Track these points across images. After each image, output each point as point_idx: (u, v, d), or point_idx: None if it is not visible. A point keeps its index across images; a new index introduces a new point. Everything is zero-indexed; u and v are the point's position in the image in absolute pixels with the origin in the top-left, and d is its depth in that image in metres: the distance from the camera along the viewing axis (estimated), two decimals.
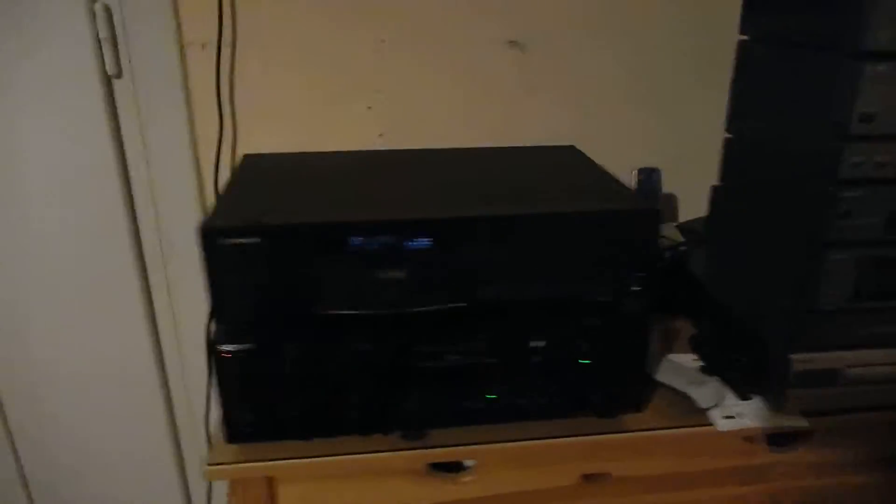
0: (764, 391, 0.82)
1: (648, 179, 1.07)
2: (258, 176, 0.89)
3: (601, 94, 1.20)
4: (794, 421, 0.80)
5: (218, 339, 0.74)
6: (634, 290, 0.74)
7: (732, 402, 0.83)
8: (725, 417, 0.80)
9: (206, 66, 1.12)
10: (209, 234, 0.69)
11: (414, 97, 1.17)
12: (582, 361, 0.77)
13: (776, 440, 0.85)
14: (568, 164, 0.96)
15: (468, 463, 0.85)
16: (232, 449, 0.80)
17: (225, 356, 0.74)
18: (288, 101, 1.15)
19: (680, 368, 0.87)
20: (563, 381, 0.79)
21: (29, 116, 1.11)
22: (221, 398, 0.77)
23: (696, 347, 0.92)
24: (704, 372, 0.87)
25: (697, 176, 1.04)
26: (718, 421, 0.80)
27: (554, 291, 0.75)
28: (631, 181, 1.09)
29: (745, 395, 0.84)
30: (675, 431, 0.81)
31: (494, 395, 0.79)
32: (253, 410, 0.77)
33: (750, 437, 0.83)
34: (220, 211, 0.75)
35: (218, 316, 0.75)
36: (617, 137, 1.20)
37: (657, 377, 0.86)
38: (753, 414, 0.81)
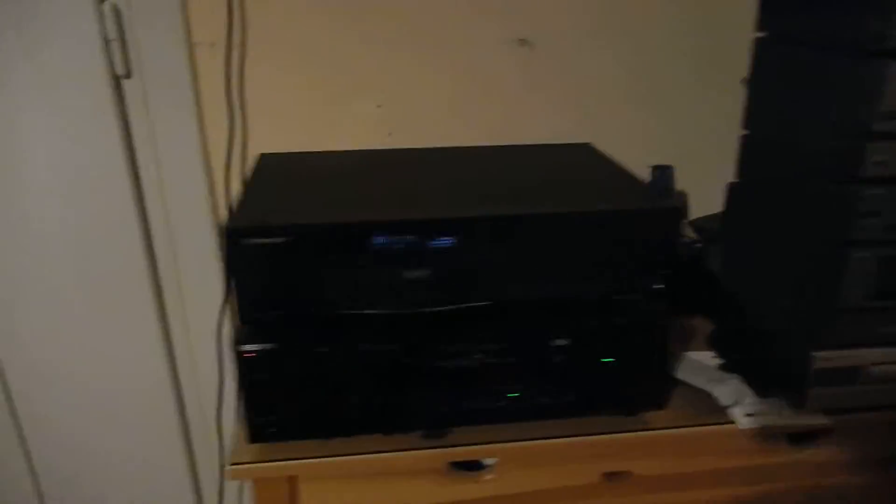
0: (784, 389, 0.82)
1: (662, 176, 1.07)
2: (276, 175, 0.89)
3: (611, 91, 1.19)
4: (814, 419, 0.81)
5: (240, 339, 0.74)
6: (656, 288, 0.74)
7: (752, 399, 0.83)
8: (746, 415, 0.81)
9: (215, 65, 1.11)
10: (233, 233, 0.69)
11: (423, 95, 1.16)
12: (604, 360, 0.78)
13: (795, 438, 0.85)
14: (585, 162, 0.96)
15: (487, 462, 0.85)
16: (253, 449, 0.80)
17: (248, 356, 0.74)
18: (297, 100, 1.15)
19: (699, 366, 0.87)
20: (584, 379, 0.79)
21: (37, 117, 1.10)
22: (243, 398, 0.76)
23: (714, 345, 0.92)
24: (723, 370, 0.87)
25: (706, 173, 1.04)
26: (740, 419, 0.80)
27: (576, 290, 0.75)
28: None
29: (764, 392, 0.84)
30: (696, 429, 0.82)
31: (516, 393, 0.79)
32: (275, 410, 0.77)
33: (770, 434, 0.84)
34: (242, 210, 0.75)
35: (241, 316, 0.74)
36: (624, 135, 1.19)
37: (676, 375, 0.86)
38: (774, 412, 0.81)
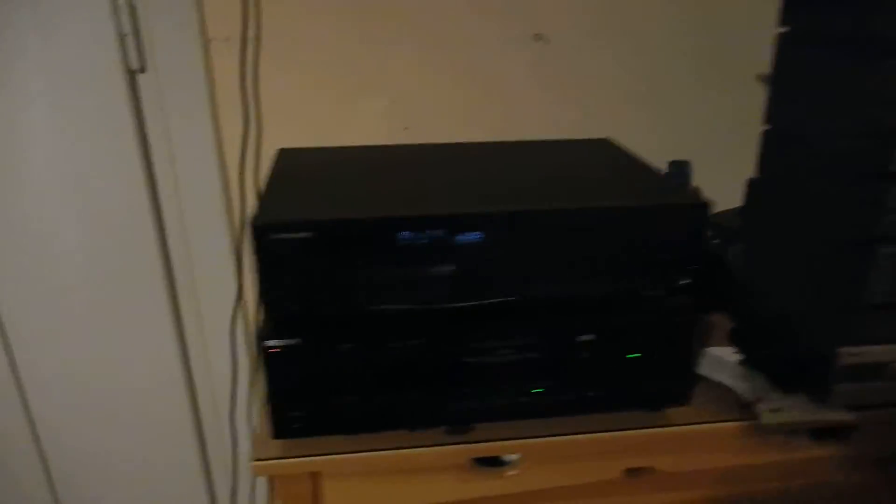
0: (808, 385, 0.82)
1: (679, 172, 1.07)
2: (297, 170, 0.89)
3: (625, 87, 1.19)
4: (839, 415, 0.81)
5: (266, 334, 0.74)
6: (683, 283, 0.74)
7: (776, 395, 0.83)
8: (770, 411, 0.81)
9: (229, 60, 1.11)
10: (262, 229, 0.69)
11: (437, 91, 1.16)
12: (629, 356, 0.78)
13: (818, 434, 0.85)
14: (607, 157, 0.96)
15: (507, 458, 0.85)
16: (276, 445, 0.80)
17: (273, 351, 0.74)
18: (312, 95, 1.14)
19: (721, 362, 0.87)
20: (609, 375, 0.79)
21: (51, 112, 1.10)
22: (269, 394, 0.76)
23: (734, 341, 0.92)
24: (744, 365, 0.87)
25: (720, 168, 1.04)
26: (764, 415, 0.80)
27: (603, 286, 0.75)
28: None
29: (787, 388, 0.84)
30: (719, 425, 0.82)
31: (540, 389, 0.79)
32: (299, 406, 0.77)
33: (793, 431, 0.84)
34: (267, 206, 0.74)
35: (266, 311, 0.74)
36: (637, 130, 1.19)
37: (699, 371, 0.86)
38: (798, 407, 0.81)
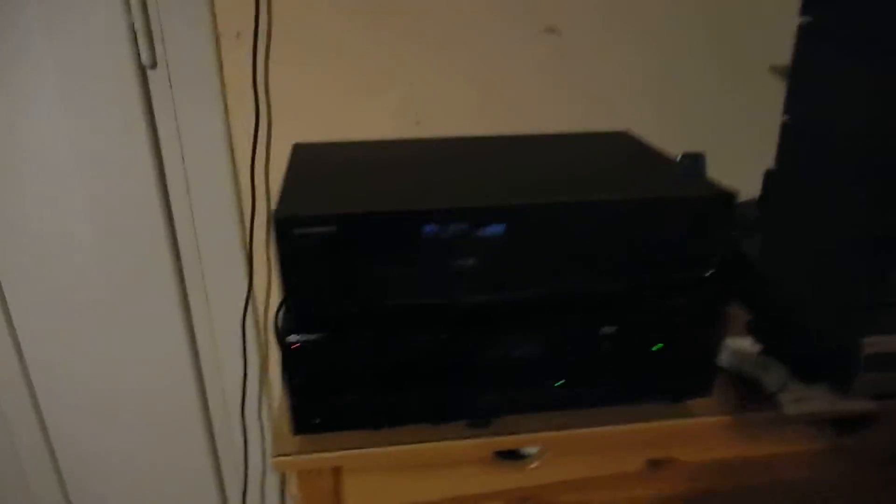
0: (829, 375, 0.82)
1: (694, 164, 1.07)
2: (315, 165, 0.88)
3: (638, 80, 1.19)
4: (861, 404, 0.81)
5: (287, 329, 0.73)
6: (708, 275, 0.74)
7: (797, 386, 0.83)
8: (793, 402, 0.80)
9: (240, 56, 1.10)
10: (284, 222, 0.68)
11: (449, 85, 1.15)
12: (653, 348, 0.77)
13: (840, 424, 0.85)
14: (628, 149, 0.95)
15: (526, 451, 0.85)
16: (296, 440, 0.79)
17: (294, 346, 0.74)
18: (323, 89, 1.14)
19: (741, 353, 0.87)
20: (631, 367, 0.79)
21: (62, 107, 1.10)
22: (289, 389, 0.76)
23: (753, 332, 0.91)
24: (765, 356, 0.87)
25: (733, 160, 1.04)
26: (787, 405, 0.80)
27: (627, 278, 0.75)
28: None
29: (808, 379, 0.84)
30: (741, 416, 0.81)
31: (563, 382, 0.79)
32: (321, 401, 0.77)
33: (815, 421, 0.84)
34: (288, 200, 0.74)
35: (287, 306, 0.74)
36: (650, 122, 1.19)
37: (720, 362, 0.85)
38: (820, 397, 0.81)
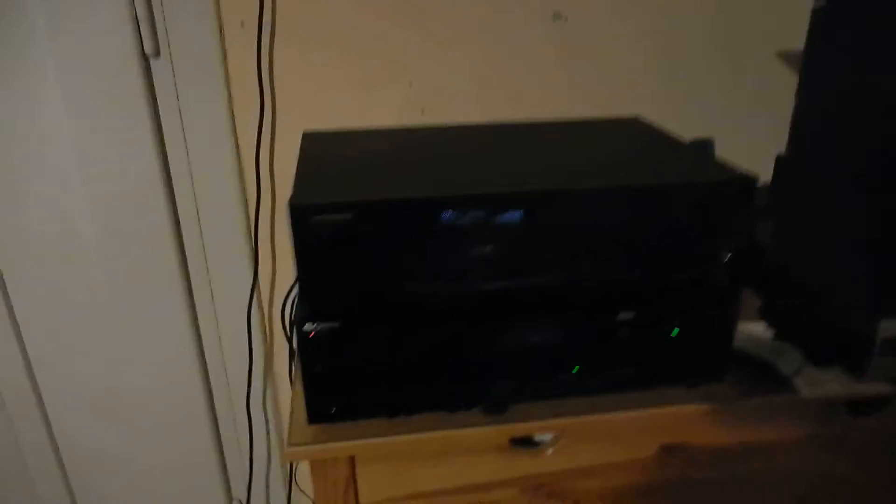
0: (844, 358, 0.82)
1: (702, 150, 1.06)
2: (326, 153, 0.87)
3: (645, 66, 1.19)
4: (877, 387, 0.81)
5: (303, 318, 0.73)
6: (727, 260, 0.73)
7: (812, 369, 0.83)
8: (809, 385, 0.81)
9: (245, 44, 1.10)
10: (300, 210, 0.67)
11: (455, 72, 1.15)
12: (669, 333, 0.77)
13: (855, 408, 0.86)
14: (641, 135, 0.95)
15: (540, 438, 0.85)
16: (310, 430, 0.79)
17: (309, 335, 0.73)
18: (328, 78, 1.13)
19: (755, 337, 0.87)
20: (648, 353, 0.79)
21: (63, 97, 1.08)
22: (304, 378, 0.75)
23: (766, 317, 0.92)
24: (779, 341, 0.87)
25: (740, 146, 1.03)
26: (802, 389, 0.80)
27: (646, 264, 0.75)
28: None
29: (821, 363, 0.84)
30: (756, 400, 0.81)
31: (580, 368, 0.78)
32: (337, 390, 0.76)
33: (830, 404, 0.84)
34: (303, 188, 0.73)
35: (304, 295, 0.73)
36: (658, 108, 1.19)
37: (735, 347, 0.85)
38: (835, 381, 0.81)
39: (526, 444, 0.84)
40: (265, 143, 1.16)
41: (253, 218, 1.19)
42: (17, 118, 1.09)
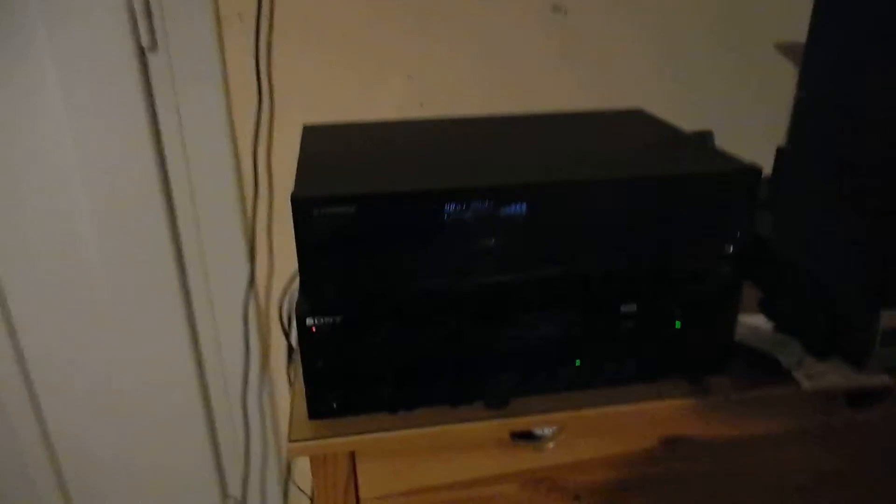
0: (844, 350, 0.82)
1: (702, 143, 1.06)
2: (327, 147, 0.87)
3: (644, 58, 1.18)
4: (878, 379, 0.81)
5: (304, 312, 0.72)
6: (730, 252, 0.73)
7: (812, 361, 0.83)
8: (810, 377, 0.81)
9: (243, 37, 1.09)
10: (303, 203, 0.67)
11: (454, 65, 1.14)
12: (671, 326, 0.77)
13: (855, 400, 0.86)
14: (644, 126, 0.95)
15: (541, 432, 0.85)
16: (311, 426, 0.78)
17: (311, 330, 0.73)
18: (326, 71, 1.12)
19: (756, 330, 0.87)
20: (650, 346, 0.79)
21: (60, 90, 1.07)
22: (305, 373, 0.75)
23: (765, 308, 0.92)
24: (779, 332, 0.87)
25: (739, 139, 1.03)
26: (803, 381, 0.80)
27: (649, 256, 0.74)
28: None
29: (821, 354, 0.84)
30: (756, 392, 0.81)
31: (582, 361, 0.78)
32: (338, 385, 0.76)
33: (830, 396, 0.84)
34: (305, 181, 0.73)
35: (305, 289, 0.73)
36: (657, 101, 1.19)
37: (736, 339, 0.85)
38: (836, 372, 0.81)
39: (527, 438, 0.84)
40: (263, 137, 1.15)
41: (250, 212, 1.18)
42: (15, 113, 1.08)
